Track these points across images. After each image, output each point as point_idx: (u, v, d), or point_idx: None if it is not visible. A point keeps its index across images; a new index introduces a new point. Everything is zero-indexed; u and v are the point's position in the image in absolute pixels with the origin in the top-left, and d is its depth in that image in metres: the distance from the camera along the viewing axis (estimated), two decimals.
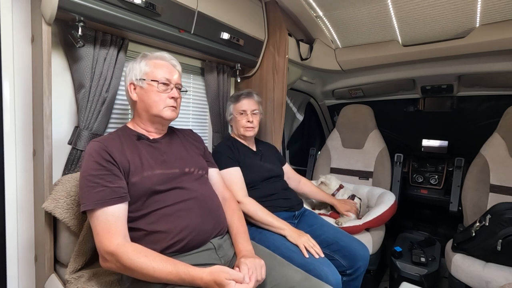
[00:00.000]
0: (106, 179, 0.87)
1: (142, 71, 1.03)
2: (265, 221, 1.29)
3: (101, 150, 0.90)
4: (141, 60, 1.05)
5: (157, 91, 1.02)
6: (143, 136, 1.04)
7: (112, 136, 0.99)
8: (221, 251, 0.98)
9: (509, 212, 1.34)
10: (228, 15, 1.51)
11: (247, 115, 1.51)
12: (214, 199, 1.08)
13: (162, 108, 1.02)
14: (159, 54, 1.07)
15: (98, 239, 0.84)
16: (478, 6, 1.51)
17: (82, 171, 0.89)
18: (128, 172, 0.92)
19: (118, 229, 0.84)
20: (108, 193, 0.85)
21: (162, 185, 0.95)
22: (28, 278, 1.15)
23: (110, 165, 0.89)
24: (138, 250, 0.83)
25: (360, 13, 1.73)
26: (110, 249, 0.81)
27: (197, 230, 0.94)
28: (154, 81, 1.02)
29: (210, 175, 1.18)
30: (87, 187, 0.86)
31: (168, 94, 1.04)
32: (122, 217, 0.87)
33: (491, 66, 1.90)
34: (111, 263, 0.83)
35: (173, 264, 0.82)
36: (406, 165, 2.43)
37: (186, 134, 1.21)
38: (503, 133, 1.83)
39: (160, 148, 1.04)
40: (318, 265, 1.11)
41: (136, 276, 0.83)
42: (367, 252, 1.31)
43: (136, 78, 1.03)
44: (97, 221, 0.84)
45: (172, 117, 1.06)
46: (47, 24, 0.98)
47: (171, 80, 1.04)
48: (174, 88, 1.05)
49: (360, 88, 2.53)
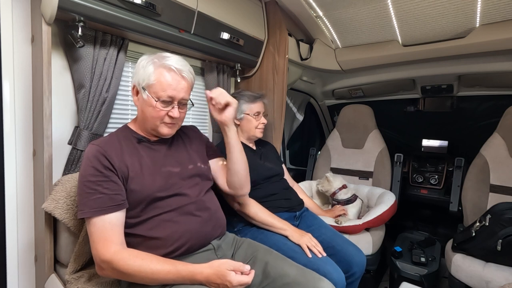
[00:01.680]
0: (103, 186, 0.85)
1: (145, 81, 0.93)
2: (266, 222, 1.28)
3: (100, 155, 0.87)
4: (150, 65, 0.93)
5: (154, 107, 0.93)
6: (144, 138, 1.00)
7: (112, 138, 0.95)
8: (220, 251, 0.99)
9: (509, 212, 1.34)
10: (228, 15, 1.51)
11: (261, 117, 1.54)
12: (213, 203, 1.07)
13: (159, 123, 0.96)
14: (170, 63, 0.93)
15: (94, 246, 0.83)
16: (478, 6, 1.51)
17: (80, 176, 0.88)
18: (126, 178, 0.89)
19: (114, 237, 0.84)
20: (106, 201, 0.84)
21: (163, 192, 0.93)
22: (28, 278, 1.15)
23: (108, 171, 0.87)
24: (134, 255, 0.83)
25: (360, 13, 1.73)
26: (106, 258, 0.81)
27: (197, 235, 0.94)
28: (154, 97, 0.93)
29: (214, 165, 1.16)
30: (85, 193, 0.85)
31: (167, 112, 0.95)
32: (119, 224, 0.86)
33: (491, 66, 1.90)
34: (107, 271, 0.83)
35: (172, 264, 0.82)
36: (406, 165, 2.43)
37: (189, 131, 1.17)
38: (503, 133, 1.83)
39: (160, 150, 1.01)
40: (321, 264, 1.11)
41: (134, 280, 0.83)
42: (363, 257, 1.30)
43: (139, 84, 0.94)
44: (93, 229, 0.84)
45: (169, 134, 0.99)
46: (47, 24, 0.98)
47: (174, 98, 0.94)
48: (175, 107, 0.95)
49: (360, 88, 2.53)
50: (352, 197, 1.83)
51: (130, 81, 1.42)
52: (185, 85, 0.96)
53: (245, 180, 1.14)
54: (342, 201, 1.82)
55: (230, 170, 1.11)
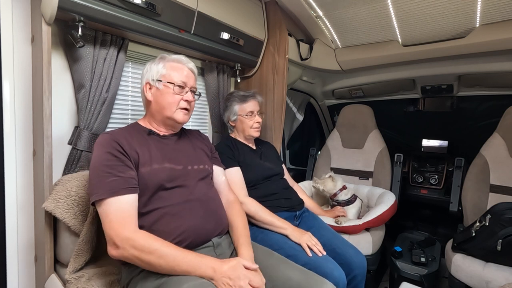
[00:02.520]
0: (118, 169, 0.87)
1: (159, 72, 1.04)
2: (266, 220, 1.29)
3: (113, 142, 0.91)
4: (159, 62, 1.06)
5: (172, 93, 1.03)
6: (153, 131, 1.06)
7: (122, 130, 1.01)
8: (219, 249, 0.99)
9: (509, 212, 1.34)
10: (228, 15, 1.51)
11: (255, 116, 1.53)
12: (216, 200, 1.08)
13: (175, 109, 1.04)
14: (176, 57, 1.08)
15: (110, 226, 0.82)
16: (478, 6, 1.51)
17: (93, 162, 0.90)
18: (137, 163, 0.93)
19: (132, 218, 0.85)
20: (121, 183, 0.86)
21: (169, 182, 0.96)
22: (28, 278, 1.15)
23: (121, 155, 0.90)
24: (154, 236, 0.84)
25: (360, 13, 1.73)
26: (125, 235, 0.80)
27: (199, 231, 0.95)
28: (170, 83, 1.03)
29: (216, 174, 1.18)
30: (100, 177, 0.86)
31: (183, 96, 1.05)
32: (134, 206, 0.87)
33: (491, 66, 1.90)
34: (124, 249, 0.80)
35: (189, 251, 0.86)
36: (406, 165, 2.43)
37: (194, 134, 1.22)
38: (503, 133, 1.83)
39: (169, 144, 1.06)
40: (322, 262, 1.12)
41: (149, 260, 0.80)
42: (363, 259, 1.29)
43: (153, 79, 1.04)
44: (109, 209, 0.83)
45: (184, 121, 1.07)
46: (47, 24, 0.98)
47: (186, 84, 1.06)
48: (189, 91, 1.07)
49: (360, 88, 2.53)
50: (352, 198, 1.82)
51: (130, 81, 1.42)
52: (192, 75, 1.10)
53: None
54: (343, 202, 1.81)
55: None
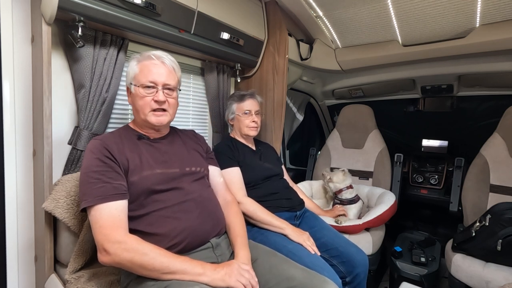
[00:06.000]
0: (107, 176, 0.87)
1: (131, 74, 1.01)
2: (264, 220, 1.28)
3: (102, 148, 0.90)
4: (133, 61, 1.02)
5: (141, 96, 0.98)
6: (144, 136, 1.03)
7: (113, 134, 0.99)
8: (218, 250, 0.98)
9: (509, 212, 1.34)
10: (228, 15, 1.51)
11: (251, 115, 1.52)
12: (213, 200, 1.07)
13: (148, 112, 0.98)
14: (148, 54, 1.01)
15: (100, 231, 0.81)
16: (478, 6, 1.51)
17: (83, 168, 0.89)
18: (127, 171, 0.92)
19: (122, 223, 0.84)
20: (110, 189, 0.85)
21: (162, 185, 0.94)
22: (28, 278, 1.15)
23: (111, 162, 0.89)
24: (144, 241, 0.83)
25: (360, 13, 1.73)
26: (117, 239, 0.80)
27: (196, 232, 0.94)
28: (138, 86, 0.98)
29: (212, 175, 1.17)
30: (89, 183, 0.86)
31: (153, 97, 0.98)
32: (125, 212, 0.87)
33: (491, 66, 1.90)
34: (115, 255, 0.78)
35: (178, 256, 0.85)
36: (406, 165, 2.43)
37: (188, 134, 1.20)
38: (503, 133, 1.83)
39: (160, 148, 1.04)
40: (318, 270, 1.11)
41: (142, 263, 0.79)
42: (365, 257, 1.29)
43: (129, 82, 1.02)
44: (99, 215, 0.82)
45: (160, 122, 1.00)
46: (47, 24, 0.98)
47: (157, 82, 0.98)
48: (160, 90, 0.99)
49: (360, 88, 2.53)
50: (355, 197, 1.83)
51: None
52: (166, 70, 1.01)
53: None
54: (346, 201, 1.81)
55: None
